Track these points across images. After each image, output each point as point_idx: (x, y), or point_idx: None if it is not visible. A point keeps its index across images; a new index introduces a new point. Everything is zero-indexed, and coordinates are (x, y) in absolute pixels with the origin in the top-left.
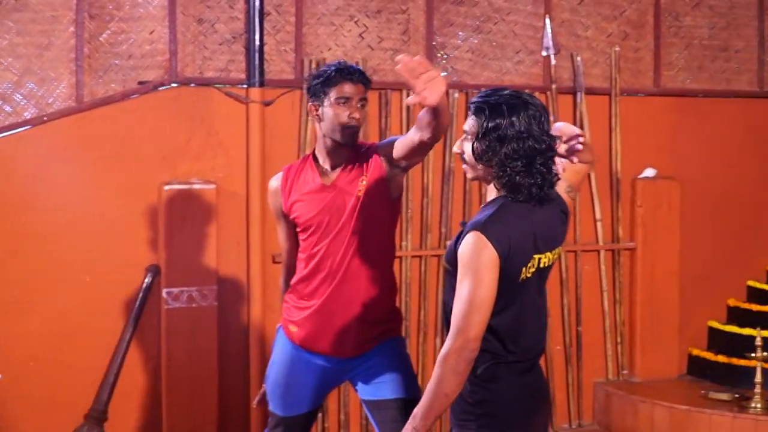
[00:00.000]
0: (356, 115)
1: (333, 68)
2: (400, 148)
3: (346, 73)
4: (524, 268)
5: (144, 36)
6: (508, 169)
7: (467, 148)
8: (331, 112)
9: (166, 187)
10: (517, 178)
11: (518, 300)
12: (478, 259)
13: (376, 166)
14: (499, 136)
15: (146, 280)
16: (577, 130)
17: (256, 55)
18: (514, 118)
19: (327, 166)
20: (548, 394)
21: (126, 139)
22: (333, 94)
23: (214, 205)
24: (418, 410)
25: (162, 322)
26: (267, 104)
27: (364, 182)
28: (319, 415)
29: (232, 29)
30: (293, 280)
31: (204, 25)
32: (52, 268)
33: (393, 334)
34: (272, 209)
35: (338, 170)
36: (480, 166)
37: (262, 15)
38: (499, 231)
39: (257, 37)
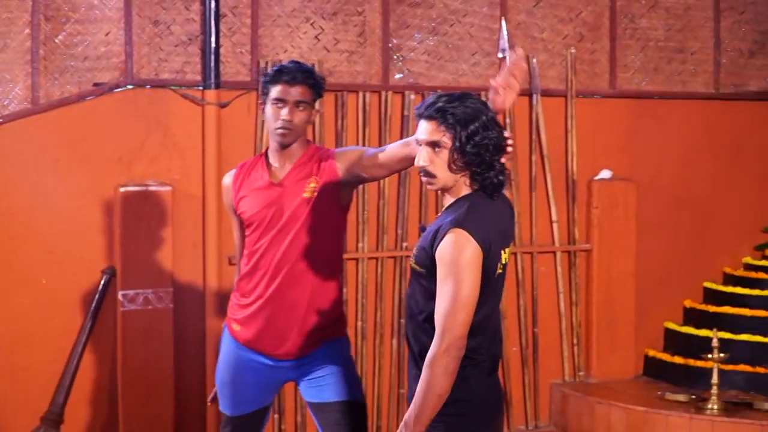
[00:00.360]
0: (287, 117)
1: (276, 68)
2: (381, 159)
3: (284, 73)
4: (498, 264)
5: (99, 38)
6: (492, 170)
7: (440, 160)
8: (269, 112)
9: (122, 189)
10: (500, 176)
11: (491, 298)
12: (461, 257)
13: (330, 171)
14: (478, 141)
15: (102, 282)
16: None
17: (212, 56)
18: (483, 119)
19: (276, 164)
20: (504, 395)
21: (82, 141)
22: (271, 94)
23: (170, 206)
24: (410, 415)
25: (118, 324)
26: (223, 106)
27: (313, 185)
28: (276, 416)
29: (188, 31)
30: (237, 277)
31: (159, 26)
32: (8, 270)
33: (337, 335)
34: (225, 206)
35: (287, 169)
36: (457, 176)
37: (217, 17)
38: (479, 227)
39: (213, 38)
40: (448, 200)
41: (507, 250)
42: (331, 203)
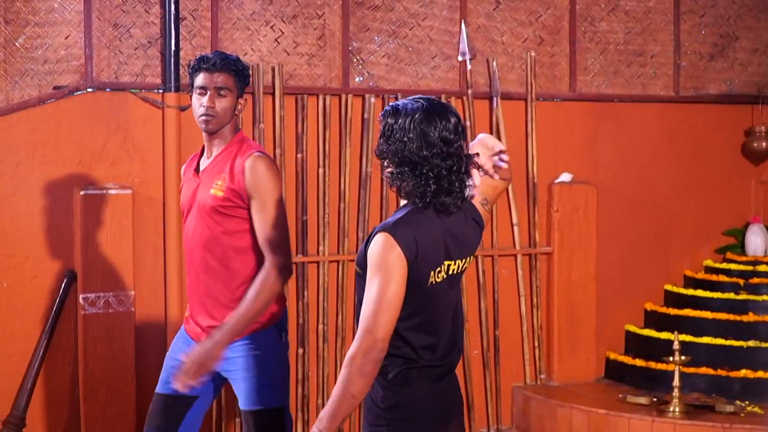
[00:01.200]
0: (208, 103)
1: (197, 58)
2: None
3: (203, 62)
4: (433, 272)
5: (59, 41)
6: (395, 171)
7: (376, 148)
8: (193, 101)
9: (83, 192)
10: (405, 182)
11: (428, 305)
12: (386, 259)
13: (240, 176)
14: (388, 136)
15: (63, 285)
16: (500, 146)
17: (172, 60)
18: (407, 120)
19: (206, 154)
20: (462, 404)
21: (42, 144)
22: (195, 83)
23: (131, 209)
24: (324, 413)
25: (79, 327)
26: (183, 109)
27: (220, 183)
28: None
29: (148, 34)
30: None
31: (119, 29)
32: None
33: (254, 329)
34: None
35: (209, 161)
36: (384, 165)
37: (177, 20)
38: (407, 234)
39: (173, 42)
40: (402, 201)
41: (459, 261)
42: (235, 204)
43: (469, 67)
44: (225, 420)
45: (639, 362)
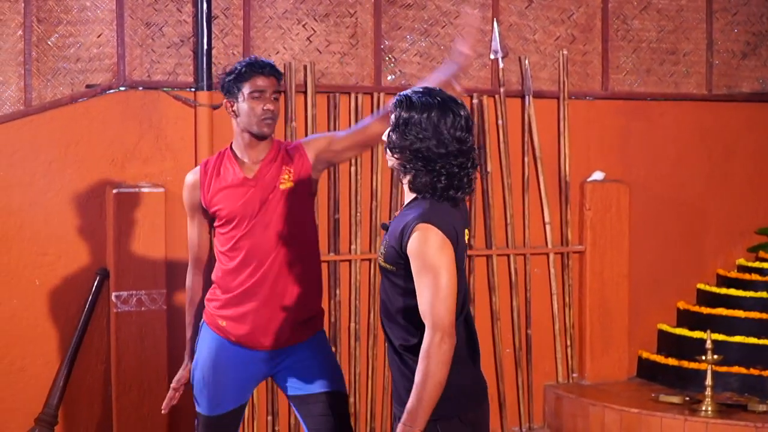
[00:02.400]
0: (270, 107)
1: (244, 64)
2: (349, 140)
3: (257, 67)
4: (464, 255)
5: (92, 39)
6: (407, 165)
7: (386, 136)
8: (246, 106)
9: (115, 191)
10: (418, 176)
11: (462, 286)
12: (433, 250)
13: (303, 161)
14: (402, 130)
15: (95, 283)
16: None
17: (204, 58)
18: (423, 117)
19: (246, 159)
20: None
21: (74, 143)
22: (246, 89)
23: (163, 208)
24: (413, 406)
25: (111, 325)
26: (215, 108)
27: (288, 176)
28: (269, 418)
29: (180, 33)
30: (216, 275)
31: (152, 28)
32: (1, 272)
33: (318, 328)
34: (187, 203)
35: (259, 164)
36: (394, 157)
37: (210, 18)
38: (444, 221)
39: (205, 40)
40: (409, 196)
41: (467, 230)
42: (306, 192)
43: (501, 65)
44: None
45: (671, 361)
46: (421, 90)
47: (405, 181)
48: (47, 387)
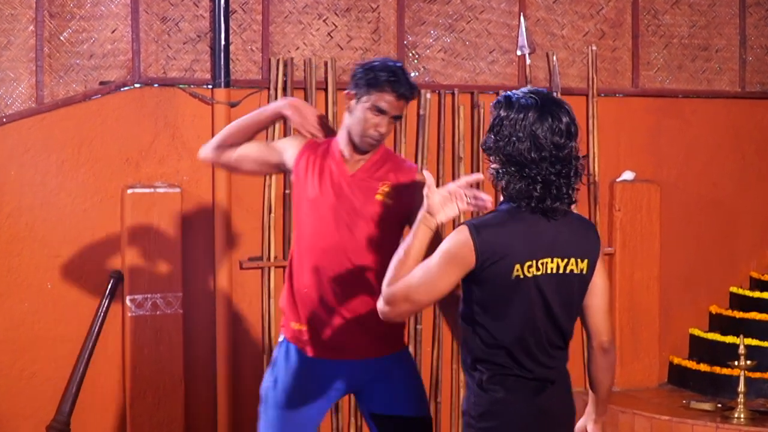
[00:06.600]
0: (382, 129)
1: (386, 73)
2: None
3: (394, 84)
4: (518, 266)
5: (106, 35)
6: (501, 169)
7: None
8: (360, 114)
9: (129, 191)
10: (512, 183)
11: (517, 307)
12: (452, 247)
13: (410, 190)
14: (498, 131)
15: (109, 286)
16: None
17: (222, 54)
18: (519, 117)
19: (348, 155)
20: (567, 420)
21: (88, 142)
22: (372, 98)
23: (179, 209)
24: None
25: (125, 330)
26: (233, 105)
27: (387, 189)
28: None
29: (197, 28)
30: (292, 274)
31: (168, 23)
32: (13, 275)
33: (402, 345)
34: (277, 141)
35: (361, 164)
36: (490, 160)
37: (227, 13)
38: (488, 235)
39: (223, 36)
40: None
41: (558, 259)
42: (396, 216)
43: (528, 61)
44: None
45: (703, 367)
46: (525, 90)
47: (499, 187)
48: (59, 393)
